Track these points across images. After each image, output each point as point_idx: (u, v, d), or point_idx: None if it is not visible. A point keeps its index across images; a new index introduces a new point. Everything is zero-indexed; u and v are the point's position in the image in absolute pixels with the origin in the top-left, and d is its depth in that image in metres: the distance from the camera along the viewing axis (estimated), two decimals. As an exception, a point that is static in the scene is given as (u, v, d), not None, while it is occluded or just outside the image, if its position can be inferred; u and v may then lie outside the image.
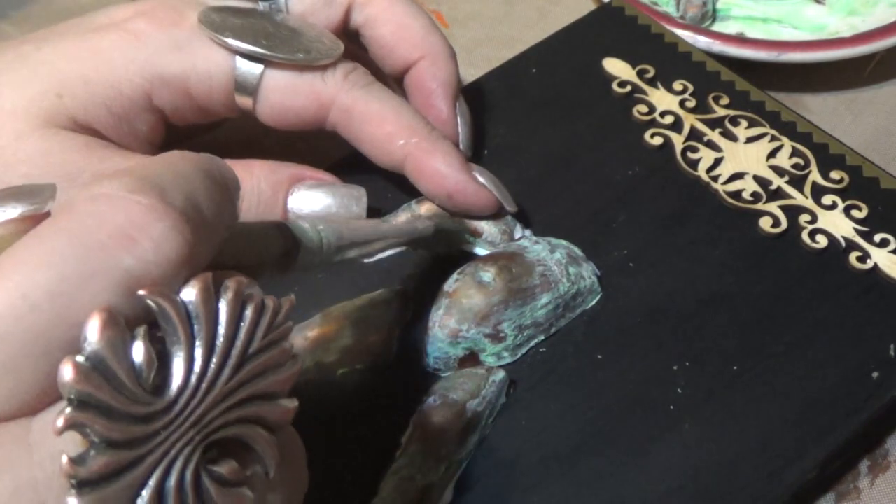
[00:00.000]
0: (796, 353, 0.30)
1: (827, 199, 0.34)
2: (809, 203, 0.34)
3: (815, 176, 0.35)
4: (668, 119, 0.37)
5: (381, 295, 0.30)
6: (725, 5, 0.46)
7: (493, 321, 0.29)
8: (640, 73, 0.38)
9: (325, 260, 0.23)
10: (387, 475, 0.27)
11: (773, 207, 0.34)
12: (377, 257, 0.26)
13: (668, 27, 0.41)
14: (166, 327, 0.16)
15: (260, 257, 0.21)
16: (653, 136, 0.36)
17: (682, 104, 0.37)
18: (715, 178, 0.35)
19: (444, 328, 0.29)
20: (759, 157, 0.35)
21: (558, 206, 0.34)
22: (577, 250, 0.32)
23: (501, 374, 0.29)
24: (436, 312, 0.30)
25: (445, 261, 0.32)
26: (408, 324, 0.31)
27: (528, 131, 0.37)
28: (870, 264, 0.32)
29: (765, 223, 0.33)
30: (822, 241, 0.33)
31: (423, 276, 0.32)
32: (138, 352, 0.15)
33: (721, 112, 0.37)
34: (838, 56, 0.42)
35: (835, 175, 0.34)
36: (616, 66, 0.39)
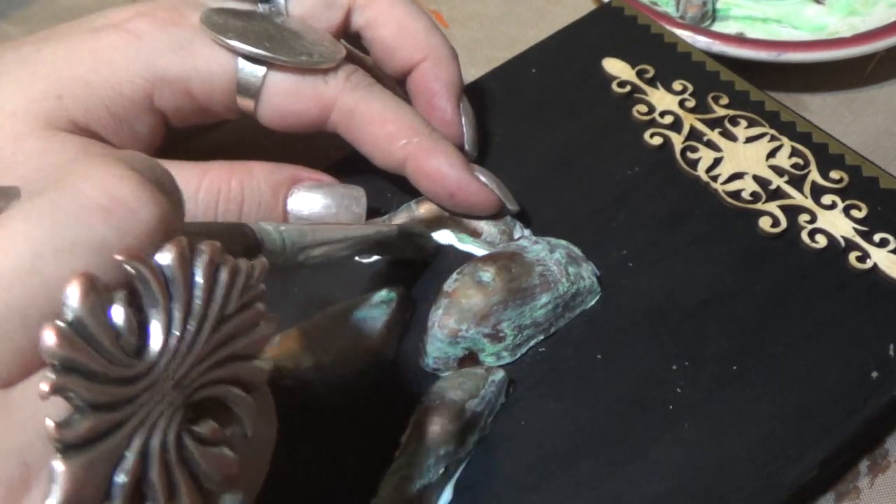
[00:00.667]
0: (796, 353, 0.30)
1: (826, 199, 0.34)
2: (809, 203, 0.34)
3: (815, 176, 0.35)
4: (668, 119, 0.37)
5: (381, 295, 0.30)
6: (725, 5, 0.46)
7: (493, 321, 0.29)
8: (640, 73, 0.38)
9: (289, 260, 0.24)
10: (386, 475, 0.27)
11: (773, 207, 0.34)
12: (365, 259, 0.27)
13: (668, 27, 0.41)
14: (144, 291, 0.16)
15: None
16: (652, 135, 0.36)
17: (682, 104, 0.37)
18: (714, 178, 0.35)
19: (444, 328, 0.29)
20: (758, 156, 0.35)
21: (558, 205, 0.34)
22: (577, 250, 0.32)
23: (501, 374, 0.29)
24: (435, 312, 0.30)
25: (445, 261, 0.32)
26: (407, 324, 0.31)
27: (527, 131, 0.37)
28: (869, 264, 0.32)
29: (764, 223, 0.33)
30: (821, 241, 0.33)
31: (423, 275, 0.32)
32: (118, 315, 0.15)
33: (720, 112, 0.37)
34: (838, 56, 0.42)
35: (834, 175, 0.34)
36: (616, 66, 0.39)
